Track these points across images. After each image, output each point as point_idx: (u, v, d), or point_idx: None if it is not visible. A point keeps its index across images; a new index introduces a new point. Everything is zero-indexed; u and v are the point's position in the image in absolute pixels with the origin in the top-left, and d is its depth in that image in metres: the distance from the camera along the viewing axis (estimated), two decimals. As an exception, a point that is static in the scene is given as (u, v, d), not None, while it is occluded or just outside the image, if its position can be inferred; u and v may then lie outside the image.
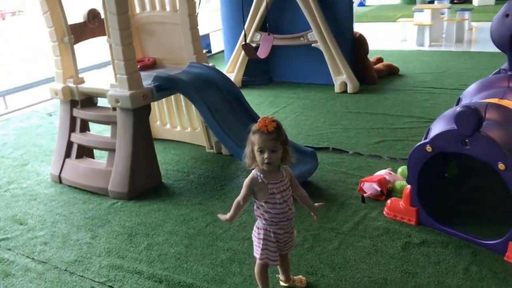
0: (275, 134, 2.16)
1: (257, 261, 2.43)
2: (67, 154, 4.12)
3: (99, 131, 4.88)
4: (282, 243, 2.38)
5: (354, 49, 6.60)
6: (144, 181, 3.84)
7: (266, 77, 7.07)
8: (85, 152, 4.18)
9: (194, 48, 4.20)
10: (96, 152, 4.35)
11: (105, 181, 3.81)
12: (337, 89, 6.30)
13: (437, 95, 5.85)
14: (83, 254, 3.08)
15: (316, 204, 2.44)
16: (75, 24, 4.09)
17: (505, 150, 2.59)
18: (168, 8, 4.29)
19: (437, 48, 8.79)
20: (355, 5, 15.93)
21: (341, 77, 6.26)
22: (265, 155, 2.17)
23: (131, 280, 2.78)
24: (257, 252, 2.39)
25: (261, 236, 2.34)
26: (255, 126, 2.18)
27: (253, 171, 2.28)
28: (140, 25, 4.52)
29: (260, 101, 6.00)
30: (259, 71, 6.96)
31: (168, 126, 5.00)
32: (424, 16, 9.54)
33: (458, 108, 2.73)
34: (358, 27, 8.60)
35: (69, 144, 4.12)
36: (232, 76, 6.62)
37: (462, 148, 2.73)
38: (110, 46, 3.67)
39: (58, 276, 2.88)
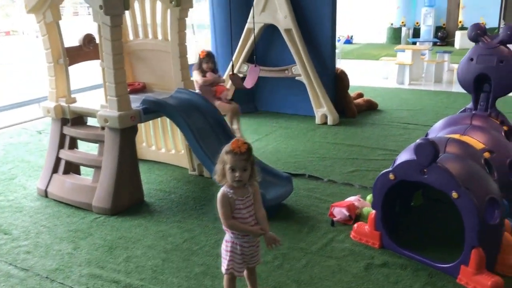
0: (247, 155, 2.40)
1: (225, 275, 2.61)
2: (55, 170, 4.30)
3: (87, 150, 5.06)
4: (249, 256, 2.57)
5: (336, 83, 6.95)
6: (127, 198, 4.02)
7: (251, 106, 7.36)
8: (72, 168, 4.36)
9: (182, 75, 4.46)
10: (82, 170, 4.53)
11: (90, 196, 3.99)
12: (317, 120, 6.60)
13: (411, 130, 6.16)
14: (64, 263, 3.24)
15: (268, 232, 2.48)
16: (71, 47, 4.36)
17: (459, 180, 2.85)
18: (160, 37, 4.57)
19: (417, 87, 9.17)
20: (342, 42, 16.56)
21: (322, 109, 6.57)
22: (237, 174, 2.40)
23: (108, 288, 2.94)
24: (223, 265, 2.58)
25: (228, 249, 2.54)
26: (228, 147, 2.42)
27: (222, 188, 2.49)
28: (132, 51, 4.79)
29: (244, 128, 6.22)
30: (244, 100, 7.22)
31: (153, 147, 5.22)
32: (405, 56, 9.98)
33: (418, 141, 3.01)
34: (344, 64, 8.99)
35: (57, 160, 4.31)
36: (218, 104, 6.87)
37: (421, 177, 2.99)
38: (103, 69, 3.93)
39: (39, 282, 3.03)
